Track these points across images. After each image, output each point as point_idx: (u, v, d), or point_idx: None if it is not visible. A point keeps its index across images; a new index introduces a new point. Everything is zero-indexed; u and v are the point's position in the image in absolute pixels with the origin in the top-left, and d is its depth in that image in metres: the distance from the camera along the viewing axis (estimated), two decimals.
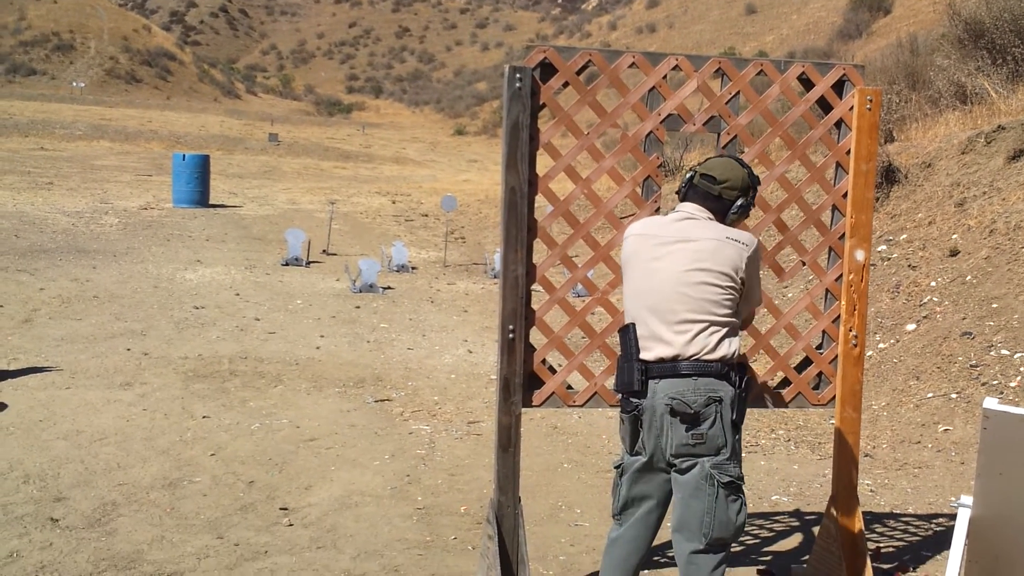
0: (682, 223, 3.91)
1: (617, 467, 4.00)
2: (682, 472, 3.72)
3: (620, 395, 3.89)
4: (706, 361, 3.70)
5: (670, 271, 3.81)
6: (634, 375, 3.80)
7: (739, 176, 3.96)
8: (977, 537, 4.06)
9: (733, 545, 3.91)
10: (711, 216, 3.93)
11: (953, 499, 4.12)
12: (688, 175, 4.03)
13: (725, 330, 3.75)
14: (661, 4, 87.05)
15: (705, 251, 3.78)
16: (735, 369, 3.75)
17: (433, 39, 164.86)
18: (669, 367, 3.73)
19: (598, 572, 4.16)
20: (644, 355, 3.80)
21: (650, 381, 3.77)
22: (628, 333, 3.87)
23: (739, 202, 3.95)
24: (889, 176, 12.16)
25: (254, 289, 12.90)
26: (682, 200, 4.04)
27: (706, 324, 3.72)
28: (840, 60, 28.39)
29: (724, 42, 56.70)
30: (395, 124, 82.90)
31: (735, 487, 3.68)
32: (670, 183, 20.47)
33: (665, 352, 3.75)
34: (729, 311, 3.77)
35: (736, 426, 3.72)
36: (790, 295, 10.85)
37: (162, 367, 8.84)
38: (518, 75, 4.52)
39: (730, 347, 3.74)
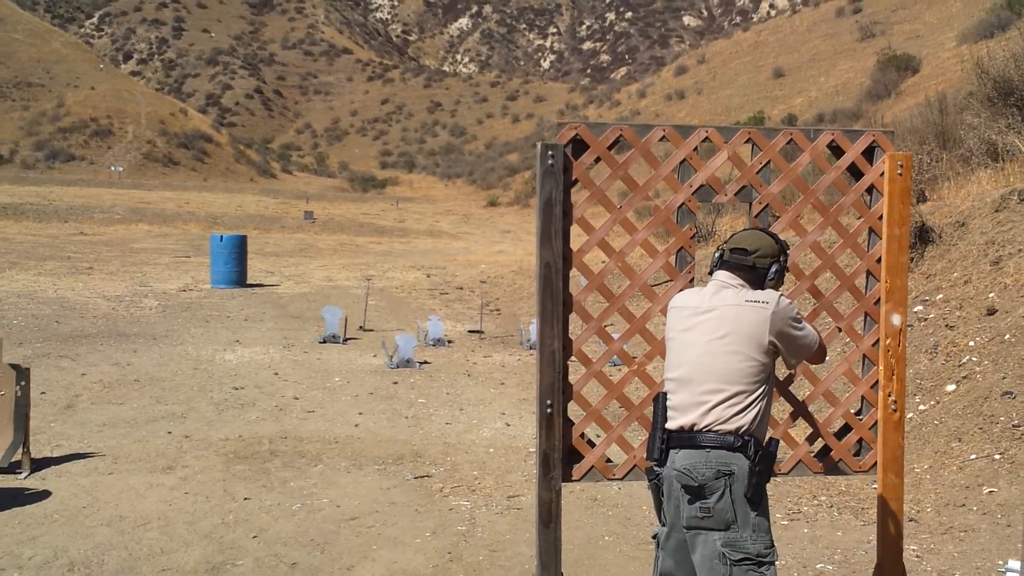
0: (713, 292, 3.95)
1: (654, 538, 3.99)
2: (694, 550, 3.70)
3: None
4: (721, 432, 3.69)
5: (697, 341, 3.85)
6: (655, 443, 3.85)
7: (768, 243, 4.01)
8: None
9: None
10: (744, 283, 3.95)
11: (1001, 563, 4.07)
12: (717, 254, 4.07)
13: (747, 401, 3.74)
14: (689, 71, 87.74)
15: (727, 319, 3.81)
16: (752, 442, 3.70)
17: (464, 112, 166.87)
18: (687, 437, 3.75)
19: None
20: (669, 424, 3.84)
21: (671, 451, 3.80)
22: (658, 402, 3.94)
23: (773, 268, 3.98)
24: (923, 236, 12.12)
25: (292, 368, 12.98)
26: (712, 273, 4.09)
27: (728, 395, 3.73)
28: (869, 121, 28.40)
29: (753, 107, 56.93)
30: (428, 197, 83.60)
31: (753, 563, 3.62)
32: (703, 250, 20.49)
33: (684, 422, 3.78)
34: (754, 380, 3.76)
35: (752, 501, 3.66)
36: (827, 360, 10.79)
37: (203, 449, 8.89)
38: (550, 152, 4.59)
39: (746, 418, 3.72)
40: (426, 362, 13.76)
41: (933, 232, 12.18)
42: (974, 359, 9.26)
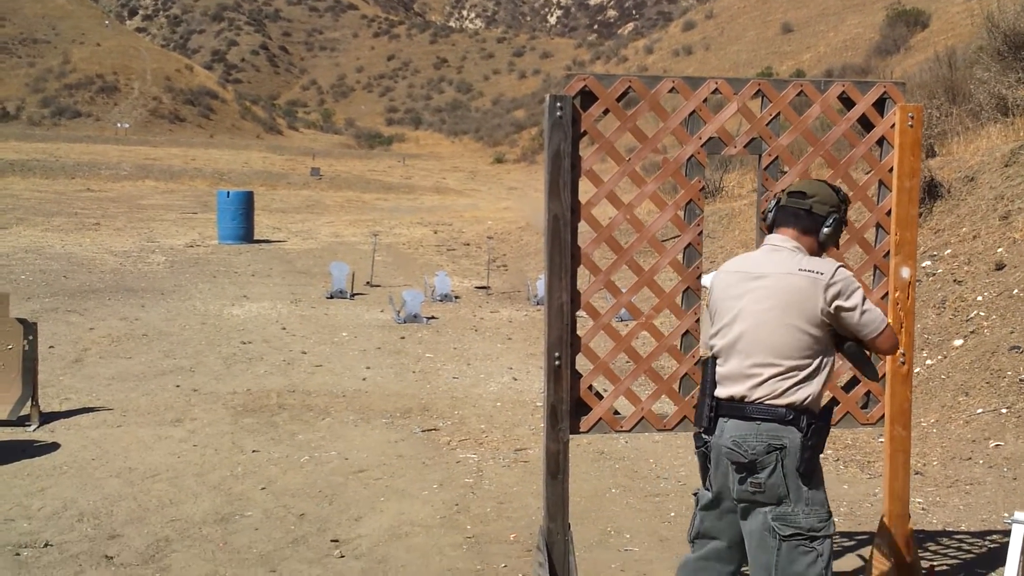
0: (764, 256, 3.83)
1: (695, 495, 3.93)
2: (745, 519, 3.64)
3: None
4: (772, 406, 3.57)
5: (748, 311, 3.71)
6: (704, 411, 3.74)
7: (827, 192, 3.87)
8: None
9: None
10: (798, 244, 3.80)
11: (1007, 515, 4.09)
12: (773, 202, 3.94)
13: (799, 375, 3.60)
14: (697, 26, 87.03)
15: (779, 289, 3.66)
16: (805, 415, 3.58)
17: (471, 69, 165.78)
18: (738, 408, 3.64)
19: None
20: (718, 392, 3.72)
21: (720, 419, 3.69)
22: (706, 368, 3.81)
23: (832, 217, 3.83)
24: (932, 191, 12.06)
25: (300, 323, 13.00)
26: (769, 229, 3.93)
27: (780, 369, 3.60)
28: (878, 76, 28.28)
29: (761, 62, 56.52)
30: (435, 154, 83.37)
31: (804, 538, 3.53)
32: (711, 205, 20.41)
33: (735, 391, 3.66)
34: (808, 353, 3.62)
35: (804, 475, 3.54)
36: None
37: (211, 403, 8.93)
38: (559, 104, 4.56)
39: (800, 393, 3.58)
40: (433, 317, 13.78)
41: (942, 187, 12.12)
42: (982, 314, 9.24)
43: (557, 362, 4.61)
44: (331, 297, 15.12)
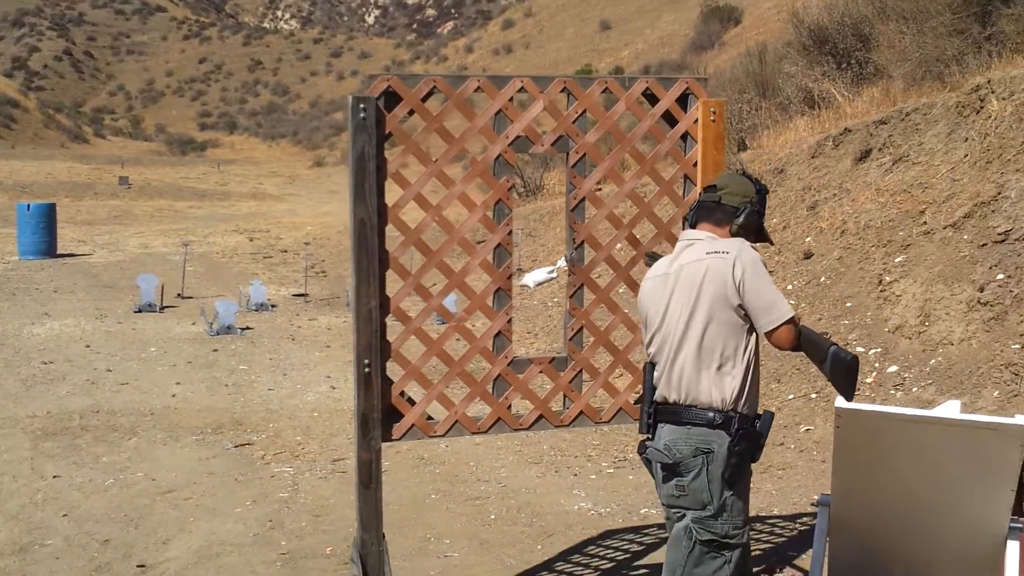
0: (679, 253, 3.75)
1: None
2: (676, 520, 3.60)
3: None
4: (701, 408, 3.52)
5: (671, 310, 3.64)
6: (643, 418, 3.71)
7: (739, 182, 3.82)
8: (838, 533, 4.11)
9: None
10: (712, 235, 3.72)
11: (816, 497, 4.18)
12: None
13: (726, 371, 3.54)
14: (516, 25, 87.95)
15: (693, 278, 3.58)
16: (736, 419, 3.51)
17: (287, 71, 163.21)
18: (672, 412, 3.59)
19: None
20: (656, 396, 3.67)
21: (658, 425, 3.64)
22: (646, 373, 3.76)
23: (744, 210, 3.73)
24: None
25: (105, 339, 12.44)
26: (691, 227, 3.85)
27: (704, 366, 3.53)
28: (694, 72, 29.01)
29: (581, 60, 57.45)
30: (251, 159, 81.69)
31: (718, 545, 3.50)
32: (532, 204, 20.55)
33: (668, 395, 3.61)
34: (732, 346, 3.54)
35: (729, 482, 3.49)
36: None
37: (9, 428, 8.43)
38: (362, 105, 4.46)
39: (727, 391, 3.52)
40: (248, 328, 13.40)
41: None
42: (792, 302, 9.51)
43: (367, 369, 4.50)
44: (139, 311, 14.53)
